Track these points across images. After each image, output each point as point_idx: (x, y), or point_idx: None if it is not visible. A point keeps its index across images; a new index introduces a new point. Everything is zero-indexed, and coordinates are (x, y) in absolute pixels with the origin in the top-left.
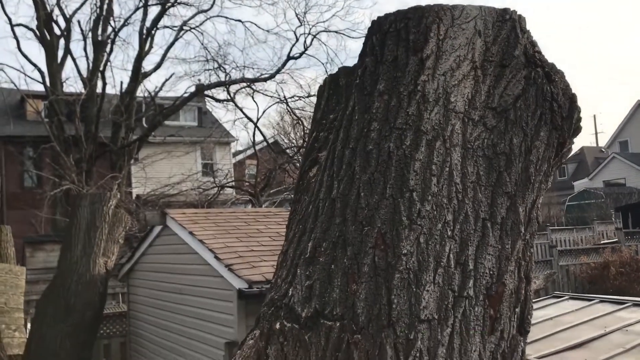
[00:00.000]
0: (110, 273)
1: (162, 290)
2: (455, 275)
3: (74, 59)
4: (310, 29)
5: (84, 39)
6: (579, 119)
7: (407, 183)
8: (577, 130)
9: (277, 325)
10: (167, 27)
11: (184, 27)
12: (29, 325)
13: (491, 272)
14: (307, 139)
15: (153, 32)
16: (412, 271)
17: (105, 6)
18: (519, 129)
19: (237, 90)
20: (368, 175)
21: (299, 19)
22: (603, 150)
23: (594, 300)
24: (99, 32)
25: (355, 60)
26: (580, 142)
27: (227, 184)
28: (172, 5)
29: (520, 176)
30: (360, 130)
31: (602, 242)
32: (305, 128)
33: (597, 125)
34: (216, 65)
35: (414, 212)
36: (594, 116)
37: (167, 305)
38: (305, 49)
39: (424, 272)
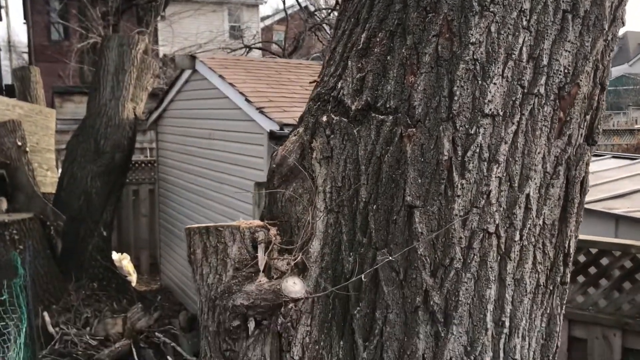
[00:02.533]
0: (139, 119)
1: (191, 136)
2: (526, 70)
3: None
4: None
5: None
6: None
7: None
8: None
9: (324, 118)
10: None
11: None
12: (60, 166)
13: (566, 71)
14: None
15: None
16: (479, 62)
17: None
18: None
19: None
20: None
21: None
22: None
23: (635, 160)
24: None
25: None
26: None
27: (255, 45)
28: None
29: None
30: None
31: (635, 127)
32: None
33: None
34: None
35: None
36: None
37: (196, 150)
38: None
39: (492, 64)
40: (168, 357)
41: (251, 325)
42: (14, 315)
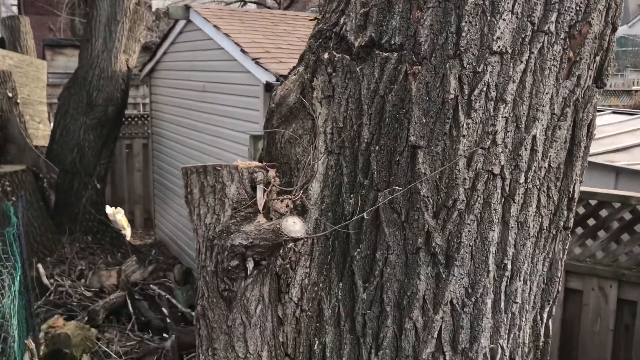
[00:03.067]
0: (132, 71)
1: (185, 89)
2: (537, 6)
3: None
4: None
5: None
6: None
7: None
8: None
9: (326, 56)
10: None
11: None
12: (52, 120)
13: (577, 8)
14: None
15: None
16: None
17: None
18: None
19: None
20: None
21: None
22: None
23: (635, 115)
24: None
25: None
26: None
27: None
28: None
29: None
30: None
31: (633, 88)
32: None
33: None
34: None
35: None
36: None
37: (190, 103)
38: None
39: None
40: (163, 308)
41: (250, 265)
42: (8, 263)
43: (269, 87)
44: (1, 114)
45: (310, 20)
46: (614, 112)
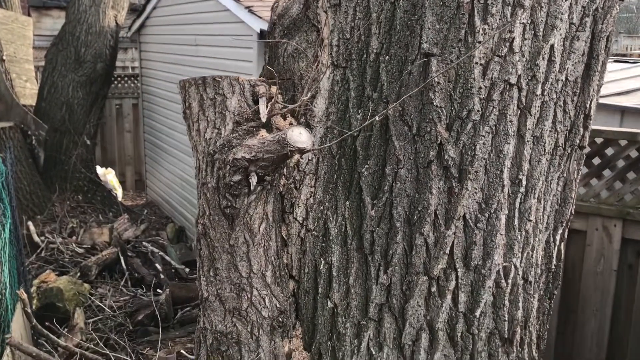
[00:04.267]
0: (121, 27)
1: (176, 44)
2: None
3: None
4: None
5: None
6: None
7: None
8: None
9: None
10: None
11: None
12: (39, 79)
13: None
14: None
15: None
16: None
17: None
18: None
19: None
20: None
21: None
22: None
23: (637, 63)
24: None
25: None
26: None
27: None
28: None
29: None
30: None
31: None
32: None
33: None
34: None
35: None
36: None
37: (181, 59)
38: None
39: None
40: (157, 264)
41: (253, 180)
42: None
43: (263, 36)
44: None
45: None
46: (615, 61)
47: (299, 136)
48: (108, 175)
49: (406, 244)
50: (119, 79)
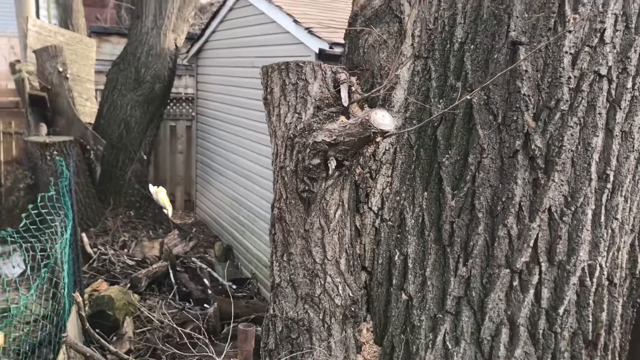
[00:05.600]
0: (179, 50)
1: (233, 66)
2: None
3: None
4: None
5: None
6: None
7: None
8: None
9: None
10: None
11: None
12: (98, 98)
13: None
14: None
15: None
16: None
17: None
18: None
19: None
20: None
21: None
22: None
23: None
24: None
25: None
26: None
27: None
28: None
29: None
30: None
31: None
32: None
33: None
34: None
35: None
36: None
37: (238, 81)
38: None
39: None
40: (205, 280)
41: (332, 164)
42: (61, 212)
43: (321, 55)
44: (51, 87)
45: None
46: None
47: (382, 119)
48: (159, 194)
49: (488, 236)
50: (174, 101)
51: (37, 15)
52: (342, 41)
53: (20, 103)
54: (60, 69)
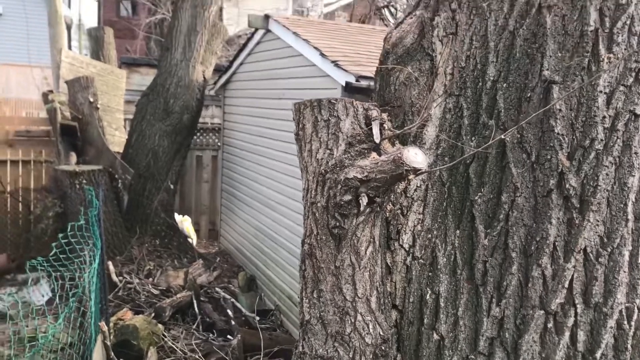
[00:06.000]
0: (208, 82)
1: (259, 98)
2: None
3: None
4: None
5: None
6: None
7: None
8: None
9: None
10: None
11: None
12: (127, 127)
13: None
14: None
15: None
16: None
17: None
18: None
19: None
20: None
21: None
22: None
23: None
24: None
25: None
26: None
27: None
28: None
29: None
30: None
31: None
32: None
33: None
34: None
35: None
36: None
37: (264, 112)
38: None
39: None
40: (228, 311)
41: (364, 200)
42: (90, 241)
43: (347, 88)
44: (82, 117)
45: None
46: None
47: (415, 156)
48: (184, 223)
49: (522, 276)
50: (201, 130)
51: (69, 46)
52: (369, 74)
53: (52, 132)
54: (91, 100)
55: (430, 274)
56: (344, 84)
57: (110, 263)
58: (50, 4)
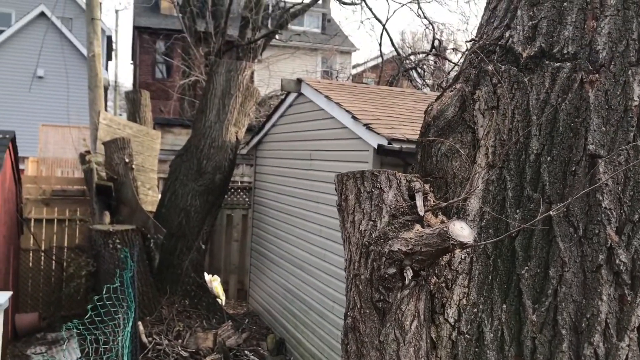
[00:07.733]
0: (240, 143)
1: (291, 158)
2: None
3: None
4: None
5: None
6: None
7: None
8: None
9: (490, 68)
10: None
11: None
12: (160, 188)
13: None
14: None
15: None
16: None
17: None
18: None
19: None
20: None
21: None
22: None
23: None
24: None
25: None
26: None
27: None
28: None
29: None
30: None
31: None
32: (436, 33)
33: None
34: None
35: None
36: None
37: (295, 172)
38: None
39: None
40: None
41: (408, 274)
42: (124, 303)
43: (380, 150)
44: (117, 177)
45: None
46: None
47: (461, 230)
48: (214, 282)
49: (573, 354)
50: (231, 190)
51: (105, 107)
52: (400, 137)
53: (87, 191)
54: (127, 160)
55: (477, 349)
56: (376, 147)
57: (140, 323)
58: (91, 68)
